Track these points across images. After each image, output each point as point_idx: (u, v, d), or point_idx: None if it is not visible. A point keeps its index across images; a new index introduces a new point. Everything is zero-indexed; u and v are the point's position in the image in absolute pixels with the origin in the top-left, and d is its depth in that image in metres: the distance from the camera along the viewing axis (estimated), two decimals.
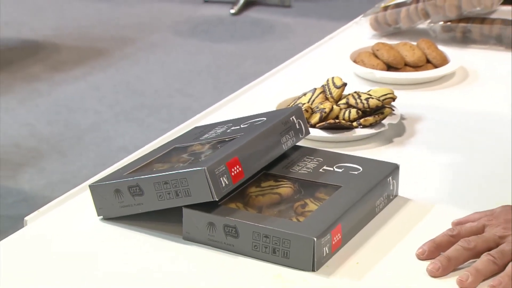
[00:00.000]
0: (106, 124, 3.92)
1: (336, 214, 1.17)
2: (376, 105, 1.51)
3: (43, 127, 3.88)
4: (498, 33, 1.89)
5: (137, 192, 1.18)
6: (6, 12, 5.31)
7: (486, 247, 1.13)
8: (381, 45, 1.81)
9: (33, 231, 1.25)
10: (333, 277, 1.12)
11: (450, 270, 1.11)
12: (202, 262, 1.15)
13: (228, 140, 1.26)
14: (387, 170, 1.29)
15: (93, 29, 5.10)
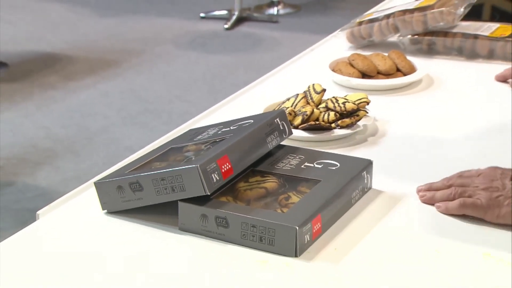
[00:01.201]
0: (114, 127, 3.92)
1: (316, 205, 1.16)
2: (352, 108, 1.51)
3: (58, 130, 3.88)
4: (459, 45, 1.90)
5: (137, 188, 1.18)
6: (27, 29, 5.31)
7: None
8: (356, 55, 1.80)
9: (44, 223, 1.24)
10: (314, 261, 1.11)
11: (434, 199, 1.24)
12: (196, 250, 1.15)
13: (219, 141, 1.25)
14: (362, 166, 1.29)
15: (103, 42, 5.10)
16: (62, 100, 4.22)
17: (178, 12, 5.71)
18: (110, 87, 4.40)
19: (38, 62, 4.77)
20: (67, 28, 5.37)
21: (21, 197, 3.27)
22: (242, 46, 5.06)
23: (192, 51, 4.97)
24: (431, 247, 1.15)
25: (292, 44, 4.90)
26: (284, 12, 5.70)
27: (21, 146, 3.71)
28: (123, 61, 4.77)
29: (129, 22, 5.49)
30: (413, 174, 1.36)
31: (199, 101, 4.11)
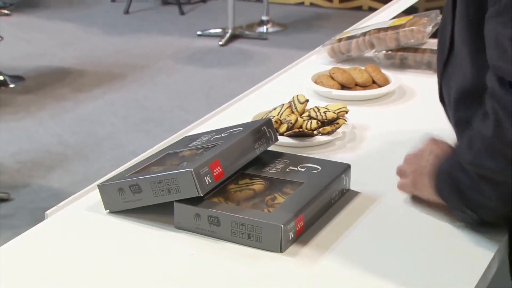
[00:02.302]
0: (119, 133, 3.92)
1: (299, 205, 1.17)
2: (332, 117, 1.51)
3: (69, 137, 3.87)
4: (428, 60, 1.90)
5: (137, 190, 1.18)
6: (41, 47, 5.30)
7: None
8: (336, 69, 1.80)
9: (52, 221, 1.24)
10: (297, 256, 1.12)
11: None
12: (190, 246, 1.14)
13: (211, 147, 1.25)
14: (341, 169, 1.29)
15: (109, 58, 5.09)
16: (72, 109, 4.22)
17: (177, 30, 5.71)
18: (116, 98, 4.39)
19: (51, 76, 4.76)
20: (77, 45, 5.36)
21: (36, 197, 3.26)
22: (235, 61, 5.06)
23: (190, 65, 4.97)
24: (403, 243, 1.15)
25: (280, 59, 4.90)
26: (272, 30, 5.70)
27: (35, 151, 3.70)
28: (128, 74, 4.76)
29: (133, 40, 5.48)
30: (387, 176, 1.36)
31: (197, 110, 4.10)
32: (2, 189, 3.30)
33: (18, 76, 4.68)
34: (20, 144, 3.78)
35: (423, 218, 1.21)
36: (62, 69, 4.88)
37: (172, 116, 4.14)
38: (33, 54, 5.15)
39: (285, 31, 5.72)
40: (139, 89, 4.54)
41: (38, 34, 5.60)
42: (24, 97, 4.41)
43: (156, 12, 6.22)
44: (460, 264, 1.10)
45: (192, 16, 6.15)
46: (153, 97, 4.43)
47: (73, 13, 6.12)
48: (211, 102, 4.20)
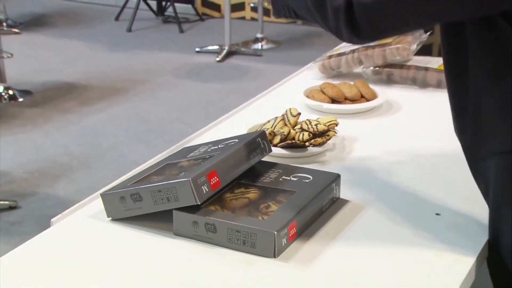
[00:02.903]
0: (122, 144, 3.91)
1: (292, 213, 1.16)
2: (323, 129, 1.51)
3: (74, 148, 3.86)
4: (413, 76, 1.91)
5: (138, 198, 1.18)
6: (48, 62, 5.30)
7: None
8: (327, 84, 1.80)
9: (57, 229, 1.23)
10: (290, 261, 1.11)
11: None
12: (188, 252, 1.14)
13: (208, 157, 1.25)
14: (331, 179, 1.29)
15: (113, 73, 5.09)
16: (78, 122, 4.21)
17: (177, 47, 5.71)
18: (119, 111, 4.39)
19: (57, 90, 4.76)
20: (82, 61, 5.36)
21: (42, 205, 3.25)
22: (231, 76, 5.06)
23: (189, 80, 4.97)
24: (389, 248, 1.15)
25: (274, 74, 4.91)
26: (267, 47, 5.71)
27: (42, 161, 3.69)
28: (130, 89, 4.76)
29: (135, 56, 5.49)
30: (375, 186, 1.36)
31: (195, 123, 4.10)
32: (11, 197, 3.30)
33: (27, 91, 4.68)
34: (28, 154, 3.77)
35: (408, 225, 1.21)
36: (68, 84, 4.87)
37: (172, 128, 4.14)
38: (41, 70, 5.15)
39: (279, 48, 5.73)
40: (140, 102, 4.54)
41: (46, 51, 5.60)
42: (32, 110, 4.40)
43: (157, 30, 6.23)
44: (443, 268, 1.10)
45: (191, 34, 6.16)
46: (154, 110, 4.43)
47: (79, 32, 6.12)
48: (209, 115, 4.20)
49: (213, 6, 6.65)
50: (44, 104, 4.50)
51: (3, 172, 3.57)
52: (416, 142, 1.56)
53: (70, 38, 5.94)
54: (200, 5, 6.68)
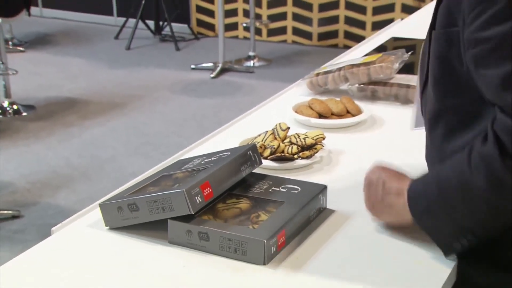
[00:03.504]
0: (121, 156, 3.90)
1: (281, 222, 1.16)
2: (311, 143, 1.51)
3: (75, 159, 3.85)
4: (395, 93, 1.91)
5: (134, 208, 1.18)
6: (51, 79, 5.29)
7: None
8: (314, 100, 1.81)
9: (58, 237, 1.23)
10: (279, 268, 1.11)
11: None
12: (182, 259, 1.14)
13: (202, 169, 1.24)
14: (318, 189, 1.29)
15: (112, 89, 5.09)
16: (78, 135, 4.20)
17: (173, 64, 5.71)
18: (118, 124, 4.38)
19: (59, 105, 4.75)
20: (83, 77, 5.36)
21: (44, 214, 3.24)
22: (225, 92, 5.06)
23: (184, 95, 4.97)
24: (373, 256, 1.15)
25: (265, 90, 4.91)
26: (258, 65, 5.72)
27: (45, 172, 3.68)
28: (129, 103, 4.76)
29: (134, 73, 5.48)
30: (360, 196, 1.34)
31: (190, 136, 4.09)
32: (14, 207, 3.28)
33: (30, 105, 4.67)
34: (30, 166, 3.76)
35: (391, 233, 1.21)
36: (69, 99, 4.87)
37: (168, 141, 4.13)
38: (44, 85, 5.14)
39: (270, 65, 5.74)
40: (138, 116, 4.54)
41: (49, 68, 5.60)
42: (35, 124, 4.39)
43: (154, 48, 6.23)
44: (424, 275, 1.10)
45: (186, 51, 6.16)
46: (151, 124, 4.42)
47: (80, 50, 6.12)
48: (203, 129, 4.20)
49: (208, 26, 6.67)
50: (46, 118, 4.49)
51: (7, 183, 3.56)
52: (398, 155, 1.56)
53: (72, 55, 5.94)
54: (195, 25, 6.69)
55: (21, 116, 4.52)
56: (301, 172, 1.47)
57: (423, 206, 1.10)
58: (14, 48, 6.07)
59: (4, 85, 4.56)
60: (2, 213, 3.21)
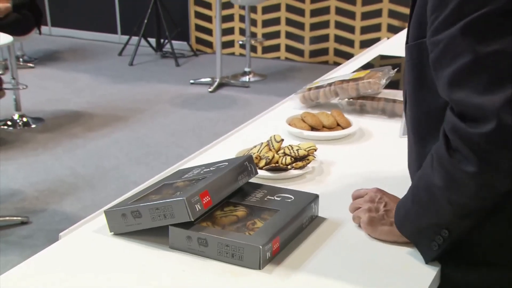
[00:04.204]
0: (123, 166, 3.89)
1: (275, 229, 1.16)
2: (303, 154, 1.51)
3: (80, 169, 3.84)
4: (382, 107, 1.91)
5: (137, 215, 1.17)
6: (58, 92, 5.29)
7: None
8: (307, 113, 1.80)
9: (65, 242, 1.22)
10: (273, 273, 1.11)
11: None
12: (182, 264, 1.13)
13: (201, 179, 1.24)
14: (311, 198, 1.28)
15: (116, 102, 5.08)
16: (83, 146, 4.19)
17: (173, 79, 5.72)
18: (121, 136, 4.37)
19: (66, 118, 4.74)
20: (89, 92, 5.36)
21: (51, 220, 3.23)
22: (222, 105, 5.06)
23: (183, 108, 4.97)
24: (362, 261, 1.15)
25: (260, 104, 4.92)
26: (254, 80, 5.73)
27: (52, 181, 3.67)
28: (131, 116, 4.76)
29: (136, 87, 5.48)
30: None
31: (189, 147, 4.09)
32: (23, 213, 3.27)
33: (39, 118, 4.67)
34: (38, 175, 3.75)
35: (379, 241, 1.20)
36: (75, 112, 4.86)
37: (168, 151, 4.13)
38: (52, 99, 5.14)
39: (264, 80, 5.75)
40: (140, 128, 4.53)
41: (56, 83, 5.59)
42: (43, 135, 4.38)
43: (155, 64, 6.23)
44: (411, 278, 1.09)
45: (186, 67, 6.17)
46: (152, 135, 4.42)
47: (86, 66, 6.12)
48: (202, 140, 4.19)
49: (206, 43, 6.68)
50: (54, 130, 4.48)
51: (17, 191, 3.54)
52: (385, 165, 1.56)
53: (78, 71, 5.93)
54: (194, 42, 6.70)
55: (30, 128, 4.52)
56: (295, 181, 1.46)
57: (402, 214, 1.14)
58: (25, 64, 6.07)
59: (14, 99, 4.56)
60: (12, 219, 3.20)
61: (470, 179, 0.96)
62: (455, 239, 1.07)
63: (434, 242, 1.09)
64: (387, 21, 5.87)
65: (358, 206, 1.25)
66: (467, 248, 1.09)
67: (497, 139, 0.91)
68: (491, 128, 0.91)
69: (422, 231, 1.10)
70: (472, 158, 0.94)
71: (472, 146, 0.94)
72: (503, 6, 0.92)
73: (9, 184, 3.63)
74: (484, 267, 1.08)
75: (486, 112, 0.91)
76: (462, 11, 0.94)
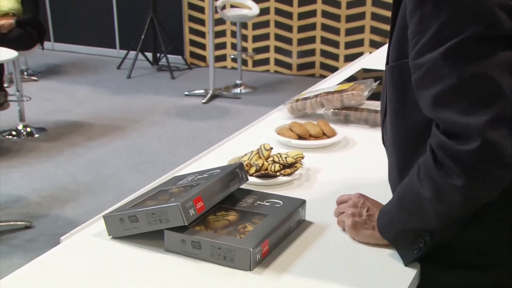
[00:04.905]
0: (122, 173, 3.88)
1: (265, 233, 1.15)
2: (291, 161, 1.51)
3: (81, 176, 3.82)
4: (365, 117, 1.92)
5: (135, 220, 1.16)
6: (60, 104, 5.27)
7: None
8: (294, 123, 1.80)
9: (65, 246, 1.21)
10: (263, 274, 1.10)
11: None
12: (177, 266, 1.13)
13: (195, 185, 1.23)
14: (298, 203, 1.28)
15: (114, 113, 5.07)
16: (84, 154, 4.18)
17: (168, 91, 5.71)
18: (119, 145, 4.36)
19: (68, 128, 4.72)
20: (89, 103, 5.34)
21: (54, 225, 3.21)
22: (215, 115, 5.06)
23: (178, 119, 4.96)
24: (346, 262, 1.15)
25: (250, 114, 4.92)
26: (245, 91, 5.73)
27: (54, 188, 3.65)
28: (129, 126, 4.74)
29: (134, 99, 5.47)
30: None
31: (184, 155, 4.08)
32: (26, 218, 3.25)
33: (42, 128, 4.65)
34: (41, 182, 3.73)
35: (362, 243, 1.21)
36: (76, 122, 4.84)
37: (164, 159, 4.11)
38: (54, 110, 5.12)
39: (255, 92, 5.75)
40: (137, 138, 4.52)
41: (58, 95, 5.57)
42: (46, 144, 4.36)
43: (152, 77, 6.22)
44: (392, 277, 1.09)
45: (180, 80, 6.16)
46: (149, 144, 4.40)
47: (87, 79, 6.11)
48: (195, 148, 4.18)
49: (200, 57, 6.68)
50: (56, 139, 4.46)
51: (21, 197, 3.52)
52: (368, 171, 1.56)
53: (79, 84, 5.92)
54: (188, 56, 6.70)
55: (34, 138, 4.50)
56: (283, 187, 1.46)
57: (387, 220, 1.14)
58: (29, 77, 6.04)
59: (19, 110, 4.54)
60: (16, 224, 3.18)
61: (457, 191, 0.97)
62: (436, 242, 1.08)
63: (415, 246, 1.09)
64: (369, 37, 5.89)
65: (342, 210, 1.25)
66: (446, 250, 1.09)
67: (482, 155, 0.92)
68: (476, 145, 0.92)
69: (405, 235, 1.10)
70: (460, 172, 0.95)
71: (459, 162, 0.94)
72: (479, 32, 0.93)
73: (14, 190, 3.60)
74: (463, 269, 1.08)
75: (470, 131, 0.92)
76: (441, 37, 0.95)
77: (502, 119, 0.91)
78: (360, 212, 1.21)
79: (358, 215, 1.21)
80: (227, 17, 5.55)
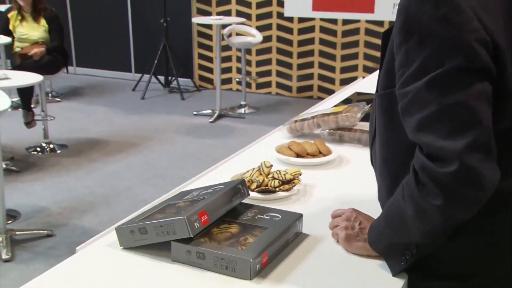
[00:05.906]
0: (135, 186, 3.87)
1: (264, 244, 1.14)
2: (290, 178, 1.50)
3: (97, 189, 3.81)
4: (358, 137, 1.91)
5: (144, 232, 1.15)
6: (80, 123, 5.28)
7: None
8: (293, 142, 1.80)
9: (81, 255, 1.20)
10: (262, 283, 1.09)
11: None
12: (183, 274, 1.12)
13: (200, 200, 1.22)
14: (296, 217, 1.27)
15: (129, 131, 5.07)
16: (101, 169, 4.17)
17: (179, 111, 5.71)
18: (133, 160, 4.35)
19: (87, 144, 4.72)
20: (106, 122, 5.34)
21: (72, 234, 3.19)
22: (221, 134, 5.06)
23: (187, 136, 4.96)
24: (340, 271, 1.13)
25: (254, 133, 4.92)
26: (248, 112, 5.73)
27: (73, 199, 3.64)
28: (142, 143, 4.74)
29: (147, 118, 5.48)
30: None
31: (191, 170, 4.07)
32: (48, 227, 3.24)
33: (63, 145, 4.65)
34: (62, 194, 3.72)
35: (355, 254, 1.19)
36: (94, 139, 4.85)
37: (174, 174, 4.10)
38: (75, 129, 5.12)
39: (258, 112, 5.75)
40: (150, 154, 4.51)
41: (79, 114, 5.59)
42: (67, 159, 4.36)
43: (164, 98, 6.24)
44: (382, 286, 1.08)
45: (190, 101, 6.17)
46: (160, 159, 4.40)
47: (104, 100, 6.12)
48: (202, 164, 4.18)
49: (208, 80, 6.70)
50: (76, 155, 4.46)
51: (43, 208, 3.51)
52: (361, 189, 1.55)
53: (97, 104, 5.93)
54: (197, 79, 6.72)
55: (56, 154, 4.50)
56: (282, 202, 1.45)
57: (375, 234, 1.13)
58: (53, 99, 6.08)
59: (43, 129, 4.55)
60: (39, 232, 3.18)
61: (437, 211, 0.96)
62: (422, 254, 1.07)
63: (403, 257, 1.09)
64: (363, 62, 5.90)
65: (337, 224, 1.24)
66: (431, 261, 1.08)
67: (460, 178, 0.92)
68: (454, 168, 0.92)
69: (393, 248, 1.10)
70: (439, 193, 0.94)
71: (438, 182, 0.94)
72: (459, 65, 0.93)
73: (37, 201, 3.60)
74: (447, 278, 1.07)
75: (449, 155, 0.92)
76: (425, 69, 0.96)
77: (478, 145, 0.92)
78: (353, 226, 1.20)
79: (351, 228, 1.20)
80: (233, 44, 5.57)
